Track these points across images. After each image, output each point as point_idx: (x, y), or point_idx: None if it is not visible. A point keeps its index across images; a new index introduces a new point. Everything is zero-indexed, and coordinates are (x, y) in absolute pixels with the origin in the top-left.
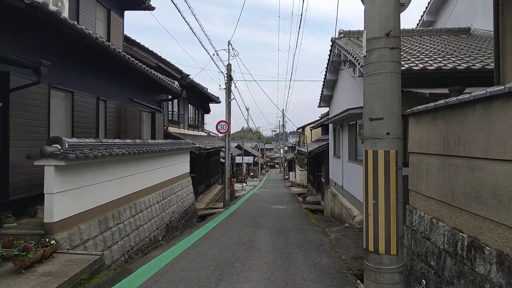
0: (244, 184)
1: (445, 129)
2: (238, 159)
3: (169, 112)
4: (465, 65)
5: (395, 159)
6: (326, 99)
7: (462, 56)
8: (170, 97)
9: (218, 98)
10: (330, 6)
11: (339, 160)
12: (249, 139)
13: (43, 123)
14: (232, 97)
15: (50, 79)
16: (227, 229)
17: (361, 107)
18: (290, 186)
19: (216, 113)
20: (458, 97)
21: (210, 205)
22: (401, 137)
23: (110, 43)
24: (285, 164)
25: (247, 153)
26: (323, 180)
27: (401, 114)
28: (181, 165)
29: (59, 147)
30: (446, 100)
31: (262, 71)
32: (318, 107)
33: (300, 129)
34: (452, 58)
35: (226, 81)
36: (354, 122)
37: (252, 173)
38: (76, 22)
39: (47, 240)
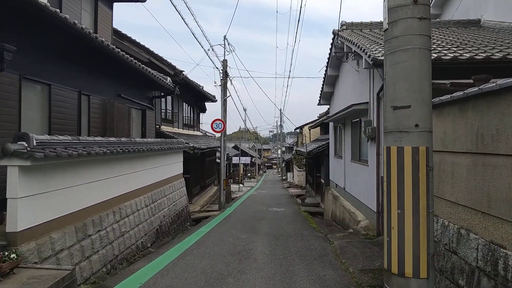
0: (241, 185)
1: (478, 122)
2: (235, 160)
3: (162, 110)
4: (484, 55)
5: (426, 158)
6: (326, 96)
7: (478, 46)
8: (162, 93)
9: (214, 96)
10: (328, 7)
11: (341, 160)
12: (246, 140)
13: (11, 118)
14: (228, 94)
15: (22, 69)
16: (221, 235)
17: (366, 103)
18: (288, 187)
19: (212, 112)
20: (498, 83)
21: (205, 207)
22: (432, 130)
23: (96, 34)
24: (283, 165)
25: (244, 154)
26: (322, 181)
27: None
28: (173, 166)
29: (25, 145)
30: (481, 87)
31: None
32: (318, 105)
33: (298, 129)
34: (468, 48)
35: (221, 78)
36: (358, 119)
37: (249, 174)
38: (58, 10)
39: (5, 253)
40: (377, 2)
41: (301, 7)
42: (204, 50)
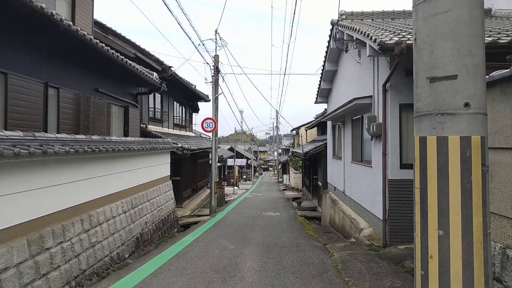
0: (235, 187)
1: None
2: (230, 162)
3: (150, 109)
4: (509, 39)
5: (481, 153)
6: (324, 94)
7: (499, 31)
8: (147, 90)
9: (207, 96)
10: (324, 8)
11: (340, 161)
12: (243, 142)
13: None
14: (219, 91)
15: None
16: (208, 245)
17: (369, 97)
18: (284, 190)
19: (206, 113)
20: None
21: (196, 211)
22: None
23: (61, 17)
24: (279, 167)
25: (239, 156)
26: (319, 184)
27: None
28: (159, 168)
29: None
30: None
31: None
32: (315, 103)
33: (295, 131)
34: (487, 32)
35: (212, 74)
36: (359, 116)
37: (245, 176)
38: None
39: None
40: (375, 1)
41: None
42: (194, 44)
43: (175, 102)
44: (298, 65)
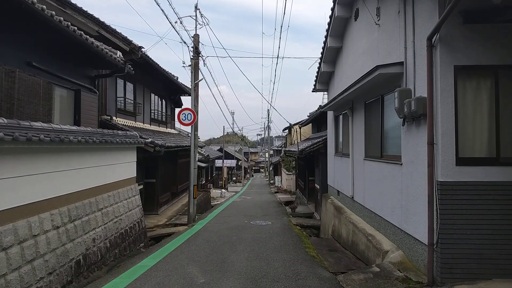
0: (223, 190)
1: None
2: (218, 163)
3: (119, 99)
4: None
5: None
6: (324, 79)
7: None
8: (108, 72)
9: (190, 89)
10: (316, 12)
11: (346, 159)
12: (234, 143)
13: None
14: (200, 77)
15: None
16: (168, 276)
17: (399, 64)
18: (275, 192)
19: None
20: None
21: (174, 219)
22: None
23: None
24: (270, 168)
25: (229, 156)
26: (317, 186)
27: None
28: (119, 167)
29: None
30: None
31: (250, 76)
32: (312, 91)
33: (287, 130)
34: None
35: (192, 57)
36: (377, 97)
37: (234, 178)
38: None
39: None
40: None
41: None
42: (170, 22)
43: (152, 95)
44: (288, 67)
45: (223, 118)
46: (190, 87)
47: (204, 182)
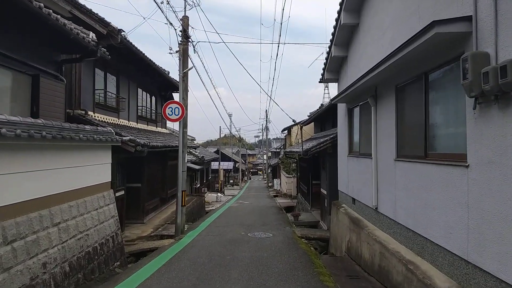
0: (219, 194)
1: None
2: (214, 165)
3: (97, 91)
4: None
5: None
6: (334, 66)
7: None
8: (77, 56)
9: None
10: (314, 15)
11: (366, 161)
12: (231, 145)
13: None
14: (190, 65)
15: None
16: None
17: (467, 19)
18: (274, 196)
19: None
20: None
21: (161, 229)
22: None
23: None
24: (269, 171)
25: (226, 158)
26: (323, 191)
27: None
28: (86, 171)
29: None
30: None
31: (248, 78)
32: (320, 81)
33: (286, 131)
34: None
35: (180, 41)
36: (420, 76)
37: (231, 181)
38: None
39: None
40: None
41: None
42: (155, 1)
43: (140, 90)
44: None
45: (220, 119)
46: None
47: (198, 185)
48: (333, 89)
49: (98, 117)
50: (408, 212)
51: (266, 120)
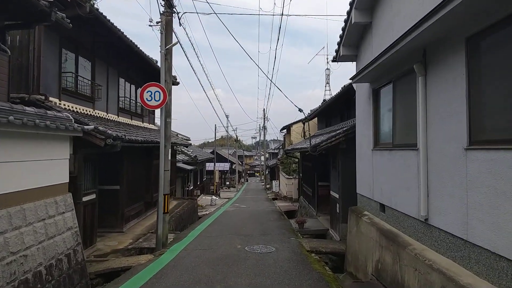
0: (214, 197)
1: None
2: (209, 166)
3: (65, 74)
4: None
5: None
6: (353, 38)
7: None
8: (23, 21)
9: (175, 77)
10: (312, 17)
11: (404, 154)
12: (228, 146)
13: None
14: (174, 40)
15: None
16: None
17: None
18: (274, 199)
19: (177, 102)
20: None
21: (142, 240)
22: None
23: None
24: (267, 172)
25: (222, 159)
26: (334, 195)
27: None
28: (28, 168)
29: None
30: None
31: (246, 81)
32: (333, 60)
33: (285, 130)
34: None
35: (162, 12)
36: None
37: (228, 183)
38: None
39: None
40: None
41: None
42: None
43: (122, 79)
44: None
45: (217, 118)
46: (173, 74)
47: (191, 187)
48: (334, 88)
49: (65, 105)
50: (498, 228)
51: (264, 119)
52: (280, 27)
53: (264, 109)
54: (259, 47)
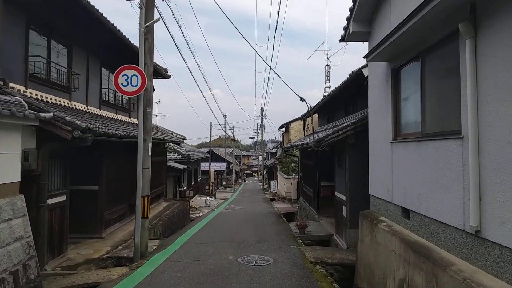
0: (208, 198)
1: None
2: (206, 166)
3: (32, 59)
4: None
5: None
6: (365, 11)
7: None
8: None
9: (166, 70)
10: (310, 18)
11: (442, 146)
12: (225, 146)
13: None
14: (156, 16)
15: None
16: None
17: None
18: (271, 200)
19: (166, 97)
20: None
21: (121, 247)
22: None
23: None
24: (264, 172)
25: (219, 159)
26: (340, 196)
27: None
28: None
29: None
30: None
31: (242, 82)
32: (341, 40)
33: (283, 128)
34: None
35: None
36: None
37: (224, 183)
38: None
39: None
40: None
41: None
42: None
43: (105, 70)
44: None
45: (215, 119)
46: (163, 66)
47: (185, 188)
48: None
49: (32, 93)
50: None
51: (262, 118)
52: (279, 8)
53: (261, 107)
54: (257, 39)
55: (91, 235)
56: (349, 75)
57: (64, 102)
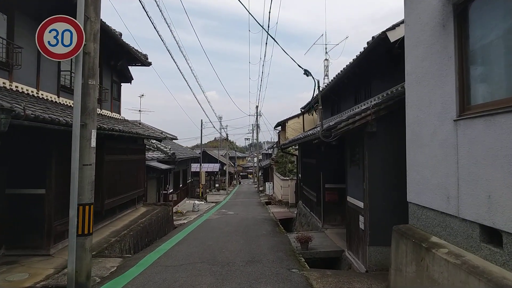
0: (197, 202)
1: None
2: (195, 167)
3: None
4: None
5: None
6: None
7: None
8: None
9: (145, 56)
10: (306, 19)
11: None
12: (220, 147)
13: None
14: None
15: None
16: None
17: None
18: (267, 203)
19: (146, 89)
20: None
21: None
22: None
23: None
24: (260, 174)
25: (212, 160)
26: (354, 202)
27: None
28: None
29: None
30: None
31: (239, 83)
32: None
33: (279, 126)
34: None
35: None
36: None
37: (217, 185)
38: None
39: None
40: (355, 15)
41: None
42: None
43: None
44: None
45: (210, 124)
46: (144, 53)
47: (171, 191)
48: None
49: None
50: None
51: (257, 117)
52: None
53: (256, 106)
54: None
55: (35, 252)
56: (367, 43)
57: (2, 83)
